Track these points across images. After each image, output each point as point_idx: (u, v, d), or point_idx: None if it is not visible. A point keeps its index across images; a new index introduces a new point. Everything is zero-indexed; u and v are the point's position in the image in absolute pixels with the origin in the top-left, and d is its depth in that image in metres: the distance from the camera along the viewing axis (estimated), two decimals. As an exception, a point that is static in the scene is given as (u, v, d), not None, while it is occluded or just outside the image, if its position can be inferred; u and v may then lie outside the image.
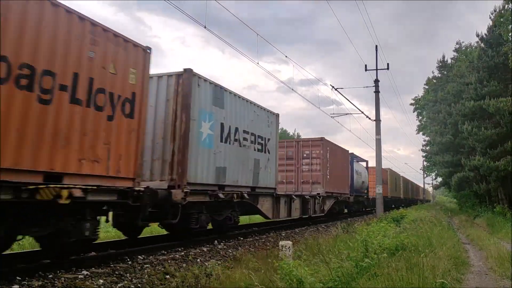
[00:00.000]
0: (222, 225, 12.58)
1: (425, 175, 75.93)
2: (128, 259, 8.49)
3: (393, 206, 41.48)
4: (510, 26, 25.57)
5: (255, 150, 13.74)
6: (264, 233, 14.71)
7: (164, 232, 12.32)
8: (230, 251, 10.68)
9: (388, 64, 27.02)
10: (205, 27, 12.33)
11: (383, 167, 33.46)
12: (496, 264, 8.85)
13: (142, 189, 8.29)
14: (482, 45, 28.29)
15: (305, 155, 21.05)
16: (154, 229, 13.36)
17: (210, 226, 12.10)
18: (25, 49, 6.13)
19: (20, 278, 6.37)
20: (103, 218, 8.36)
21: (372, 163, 32.14)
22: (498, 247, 11.03)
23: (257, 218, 18.77)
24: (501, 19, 26.71)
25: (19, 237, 7.02)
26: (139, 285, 6.84)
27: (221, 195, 11.21)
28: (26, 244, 10.28)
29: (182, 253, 9.69)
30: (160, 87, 10.63)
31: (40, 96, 6.35)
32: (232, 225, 12.97)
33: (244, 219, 17.47)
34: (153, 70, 10.58)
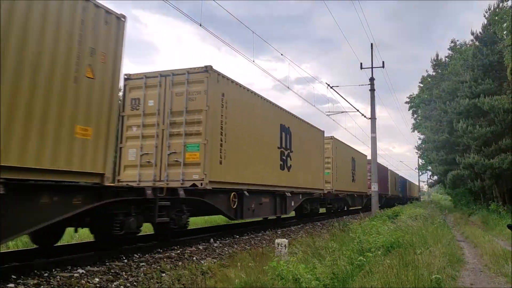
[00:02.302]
0: None
1: (420, 173, 76.27)
2: (124, 258, 8.47)
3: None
4: (505, 24, 25.69)
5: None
6: (260, 231, 14.71)
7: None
8: (225, 249, 10.68)
9: (383, 62, 27.16)
10: (200, 25, 12.29)
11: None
12: (491, 262, 8.89)
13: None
14: (477, 43, 28.40)
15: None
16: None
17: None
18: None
19: (15, 277, 6.34)
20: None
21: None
22: (493, 245, 11.09)
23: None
24: (496, 18, 26.83)
25: None
26: (135, 283, 6.83)
27: None
28: (19, 244, 10.24)
29: (178, 251, 9.68)
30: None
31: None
32: None
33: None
34: (150, 67, 10.51)
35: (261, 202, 14.49)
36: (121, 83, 10.50)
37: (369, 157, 30.55)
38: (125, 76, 12.03)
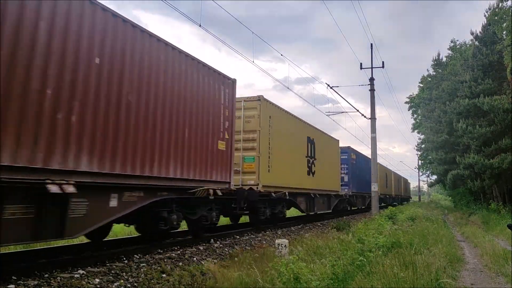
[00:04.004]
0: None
1: (420, 173, 76.28)
2: (124, 258, 8.47)
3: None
4: (504, 24, 25.70)
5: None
6: (260, 231, 14.71)
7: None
8: (226, 249, 10.68)
9: (383, 62, 27.14)
10: (200, 26, 12.32)
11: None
12: (491, 261, 8.90)
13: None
14: (477, 43, 28.44)
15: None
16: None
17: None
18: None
19: (15, 278, 6.34)
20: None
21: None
22: (493, 244, 11.10)
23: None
24: (495, 17, 26.85)
25: None
26: (135, 284, 6.83)
27: None
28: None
29: (179, 251, 9.68)
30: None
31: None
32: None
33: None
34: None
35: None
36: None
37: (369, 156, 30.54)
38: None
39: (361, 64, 26.45)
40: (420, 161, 67.77)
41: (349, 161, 28.05)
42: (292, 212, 22.25)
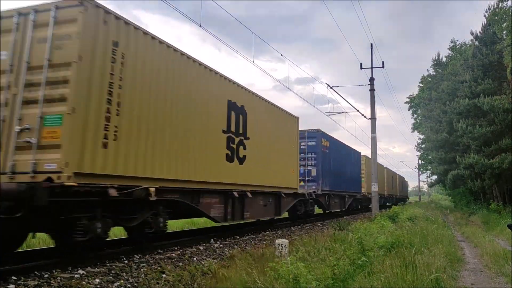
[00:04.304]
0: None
1: (420, 173, 76.30)
2: (124, 258, 8.47)
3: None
4: (504, 24, 25.70)
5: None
6: (260, 231, 14.71)
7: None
8: (226, 249, 10.68)
9: (383, 62, 27.16)
10: (200, 26, 12.30)
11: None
12: (491, 261, 8.91)
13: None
14: (477, 43, 28.45)
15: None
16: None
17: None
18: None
19: (15, 278, 6.34)
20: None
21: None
22: (493, 244, 11.10)
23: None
24: (495, 17, 26.86)
25: None
26: (135, 284, 6.83)
27: None
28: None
29: (179, 252, 9.68)
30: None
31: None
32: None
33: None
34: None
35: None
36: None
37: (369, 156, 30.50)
38: None
39: (361, 64, 26.46)
40: (420, 161, 67.81)
41: (319, 149, 21.28)
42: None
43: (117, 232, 12.31)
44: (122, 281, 6.89)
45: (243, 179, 12.88)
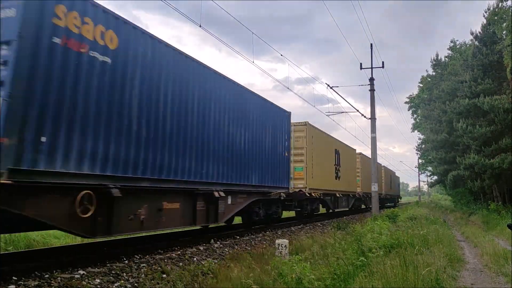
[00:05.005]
0: None
1: (420, 173, 76.27)
2: (125, 259, 8.48)
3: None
4: (504, 24, 25.71)
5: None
6: (261, 231, 14.72)
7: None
8: (226, 249, 10.69)
9: (383, 62, 27.09)
10: (200, 26, 12.31)
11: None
12: (491, 261, 8.91)
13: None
14: (476, 43, 28.46)
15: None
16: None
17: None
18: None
19: (16, 278, 6.35)
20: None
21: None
22: (493, 244, 11.11)
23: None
24: (495, 17, 26.86)
25: None
26: (135, 284, 6.84)
27: None
28: (21, 244, 10.26)
29: (179, 252, 9.68)
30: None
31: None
32: None
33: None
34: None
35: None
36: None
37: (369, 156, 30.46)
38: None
39: (361, 64, 26.45)
40: (420, 161, 67.77)
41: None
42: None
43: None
44: (122, 281, 6.90)
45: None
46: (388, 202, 47.44)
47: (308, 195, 18.75)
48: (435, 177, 50.76)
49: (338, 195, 24.52)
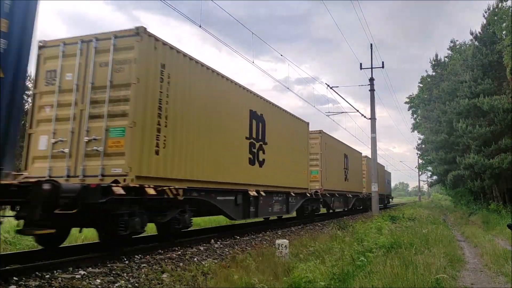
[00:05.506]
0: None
1: (420, 173, 76.34)
2: (125, 259, 8.48)
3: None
4: (504, 24, 25.72)
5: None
6: (261, 231, 14.73)
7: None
8: (226, 250, 10.70)
9: (383, 62, 27.16)
10: (200, 26, 12.32)
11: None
12: (491, 261, 8.91)
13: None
14: (476, 43, 28.46)
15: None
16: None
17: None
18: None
19: (17, 278, 6.35)
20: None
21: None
22: (493, 244, 11.11)
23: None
24: (495, 17, 26.88)
25: None
26: (136, 284, 6.84)
27: None
28: (23, 244, 10.26)
29: (179, 252, 9.69)
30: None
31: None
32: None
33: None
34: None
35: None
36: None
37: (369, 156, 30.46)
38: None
39: (361, 64, 26.50)
40: (420, 161, 67.81)
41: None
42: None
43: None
44: (123, 281, 6.90)
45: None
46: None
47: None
48: (435, 177, 50.78)
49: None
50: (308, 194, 19.06)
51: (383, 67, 27.03)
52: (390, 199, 53.27)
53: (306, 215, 20.17)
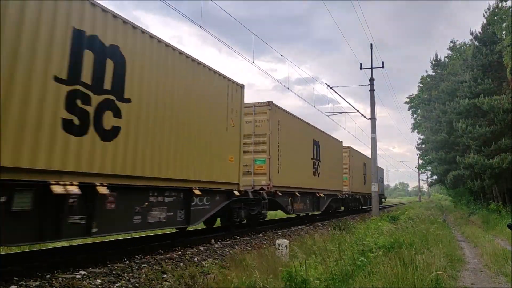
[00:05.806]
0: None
1: (420, 173, 76.33)
2: (126, 259, 8.50)
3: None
4: (504, 24, 25.73)
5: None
6: (261, 231, 14.74)
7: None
8: (226, 250, 10.70)
9: (383, 62, 27.14)
10: (200, 27, 12.33)
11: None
12: (491, 261, 8.92)
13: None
14: (476, 43, 28.45)
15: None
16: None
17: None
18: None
19: (17, 279, 6.36)
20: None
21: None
22: (493, 244, 11.11)
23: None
24: (495, 18, 26.89)
25: None
26: (136, 284, 6.86)
27: None
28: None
29: (179, 252, 9.70)
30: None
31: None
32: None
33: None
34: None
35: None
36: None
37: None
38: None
39: (361, 64, 26.48)
40: (420, 161, 67.81)
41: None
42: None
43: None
44: (123, 281, 6.92)
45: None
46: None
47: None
48: (435, 177, 50.78)
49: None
50: (236, 193, 12.71)
51: (383, 67, 27.03)
52: (383, 200, 46.73)
53: (237, 222, 13.57)
